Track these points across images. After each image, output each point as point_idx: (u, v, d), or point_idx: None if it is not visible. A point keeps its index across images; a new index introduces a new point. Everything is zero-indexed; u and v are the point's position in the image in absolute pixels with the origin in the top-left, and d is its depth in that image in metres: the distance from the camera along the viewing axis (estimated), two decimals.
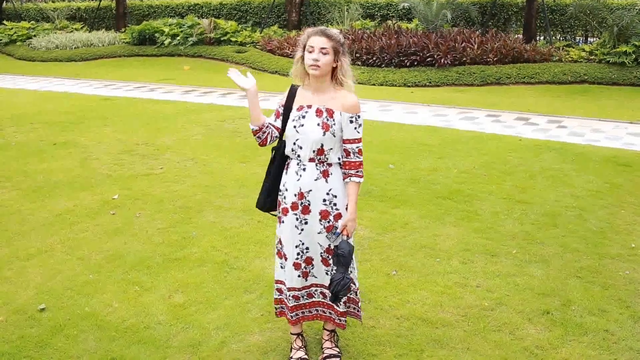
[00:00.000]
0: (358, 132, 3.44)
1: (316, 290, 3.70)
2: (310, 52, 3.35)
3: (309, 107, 3.47)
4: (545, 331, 4.11)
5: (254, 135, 3.58)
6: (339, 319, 3.71)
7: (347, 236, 3.50)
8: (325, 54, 3.34)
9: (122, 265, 5.13)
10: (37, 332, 4.15)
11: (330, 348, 3.81)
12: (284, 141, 3.57)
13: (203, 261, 5.18)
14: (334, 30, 3.39)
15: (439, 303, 4.46)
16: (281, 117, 3.59)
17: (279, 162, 3.63)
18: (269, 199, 3.70)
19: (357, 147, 3.45)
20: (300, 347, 3.81)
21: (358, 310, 3.79)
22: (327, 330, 3.86)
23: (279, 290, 3.79)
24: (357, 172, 3.47)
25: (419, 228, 5.86)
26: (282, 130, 3.59)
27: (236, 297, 4.57)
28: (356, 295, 3.75)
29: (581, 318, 4.26)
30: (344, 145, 3.45)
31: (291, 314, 3.72)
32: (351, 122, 3.42)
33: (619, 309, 4.39)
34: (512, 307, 4.41)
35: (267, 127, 3.58)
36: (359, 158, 3.46)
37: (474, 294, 4.59)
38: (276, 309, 3.88)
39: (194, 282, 4.81)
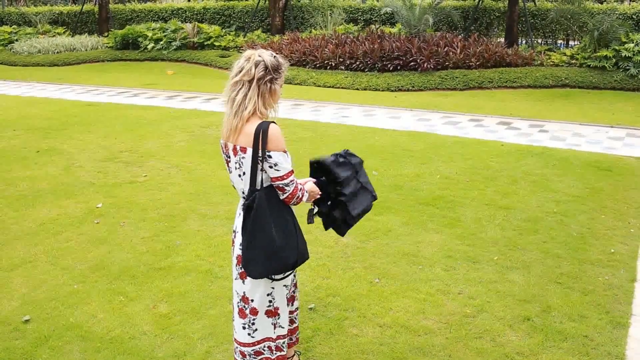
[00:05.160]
0: None
1: (297, 316, 3.72)
2: (281, 85, 3.21)
3: None
4: (525, 337, 4.17)
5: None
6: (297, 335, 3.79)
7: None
8: None
9: (106, 275, 5.14)
10: (22, 344, 4.15)
11: None
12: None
13: (187, 270, 5.20)
14: None
15: (422, 310, 4.52)
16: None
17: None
18: None
19: None
20: None
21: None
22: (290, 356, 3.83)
23: (279, 348, 3.44)
24: None
25: (402, 235, 5.91)
26: None
27: (221, 307, 4.59)
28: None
29: (561, 324, 4.33)
30: None
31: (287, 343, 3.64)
32: None
33: (599, 314, 4.46)
34: (493, 313, 4.47)
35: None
36: None
37: (455, 301, 4.65)
38: None
39: (178, 292, 4.83)
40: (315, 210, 3.52)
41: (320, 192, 3.44)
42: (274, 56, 3.15)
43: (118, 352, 4.05)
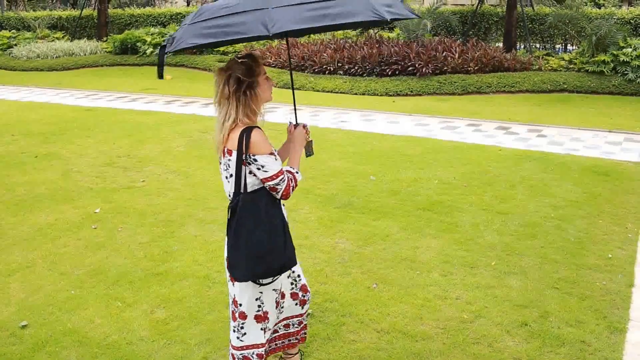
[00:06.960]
0: None
1: (292, 321, 3.71)
2: (267, 79, 3.23)
3: None
4: (523, 343, 4.17)
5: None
6: (304, 334, 3.77)
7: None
8: None
9: (104, 281, 5.13)
10: (19, 349, 4.14)
11: None
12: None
13: (185, 276, 5.20)
14: None
15: (419, 316, 4.52)
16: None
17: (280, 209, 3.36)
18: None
19: None
20: None
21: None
22: (293, 354, 3.84)
23: (260, 356, 3.45)
24: None
25: (400, 240, 5.91)
26: None
27: (218, 312, 4.59)
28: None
29: (558, 329, 4.33)
30: None
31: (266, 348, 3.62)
32: None
33: (596, 319, 4.46)
34: (490, 319, 4.47)
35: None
36: None
37: (453, 307, 4.65)
38: None
39: (176, 297, 4.83)
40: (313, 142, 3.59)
41: (308, 131, 3.52)
42: (241, 61, 3.14)
43: (115, 357, 4.05)
